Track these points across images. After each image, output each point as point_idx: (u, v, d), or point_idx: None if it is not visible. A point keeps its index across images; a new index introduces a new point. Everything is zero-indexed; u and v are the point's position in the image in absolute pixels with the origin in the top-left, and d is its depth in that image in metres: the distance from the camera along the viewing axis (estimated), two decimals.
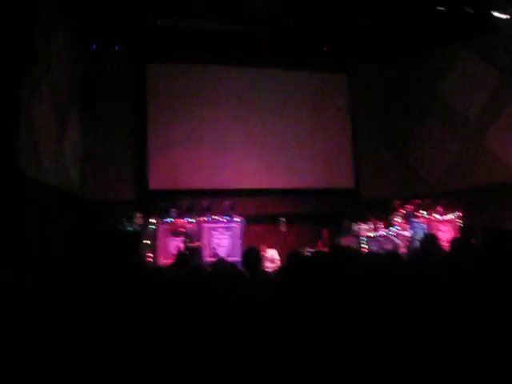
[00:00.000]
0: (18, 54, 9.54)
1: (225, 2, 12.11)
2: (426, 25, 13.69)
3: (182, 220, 12.47)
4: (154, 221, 12.90)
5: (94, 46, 10.26)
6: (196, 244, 11.98)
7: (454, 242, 8.08)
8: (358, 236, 13.81)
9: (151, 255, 12.41)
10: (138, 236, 11.10)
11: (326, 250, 13.29)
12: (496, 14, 11.39)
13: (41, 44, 10.68)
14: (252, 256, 6.25)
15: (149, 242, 12.46)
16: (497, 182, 14.24)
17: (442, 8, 11.42)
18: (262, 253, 11.30)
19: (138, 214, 12.80)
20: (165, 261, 12.22)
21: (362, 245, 13.49)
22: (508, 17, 11.43)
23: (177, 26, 13.74)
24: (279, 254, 13.51)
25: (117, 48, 11.30)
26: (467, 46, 15.20)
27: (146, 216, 12.96)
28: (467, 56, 15.24)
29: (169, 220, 12.93)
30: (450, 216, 14.06)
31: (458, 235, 13.38)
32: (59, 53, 12.05)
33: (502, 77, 14.57)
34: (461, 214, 13.99)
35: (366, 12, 13.36)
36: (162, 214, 13.13)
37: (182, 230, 11.80)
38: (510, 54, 14.28)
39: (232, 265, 6.06)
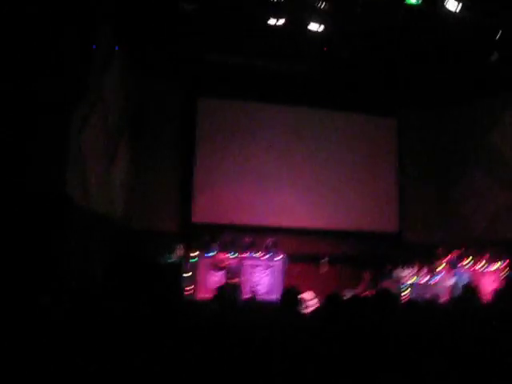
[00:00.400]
0: (72, 82, 9.76)
1: (276, 40, 12.21)
2: (478, 73, 13.62)
3: (224, 255, 12.43)
4: (195, 254, 12.94)
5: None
6: (236, 280, 11.88)
7: (497, 293, 7.91)
8: (399, 281, 13.61)
9: (190, 288, 12.43)
10: (178, 268, 11.15)
11: (367, 293, 13.17)
12: None
13: (95, 73, 10.92)
14: (290, 296, 6.21)
15: (189, 275, 12.49)
16: None
17: (494, 56, 11.36)
18: (301, 294, 11.18)
19: (180, 246, 12.85)
20: (204, 294, 12.21)
21: (403, 291, 13.28)
22: None
23: (229, 63, 13.92)
24: (318, 295, 13.40)
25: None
26: None
27: (188, 249, 13.00)
28: None
29: (210, 254, 12.95)
30: (495, 266, 13.79)
31: (503, 286, 13.12)
32: (112, 82, 12.30)
33: None
34: (506, 265, 13.72)
35: (418, 58, 13.36)
36: (203, 247, 13.16)
37: (223, 265, 11.74)
38: None
39: (267, 304, 6.04)
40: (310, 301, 13.21)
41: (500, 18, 10.63)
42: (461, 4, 9.50)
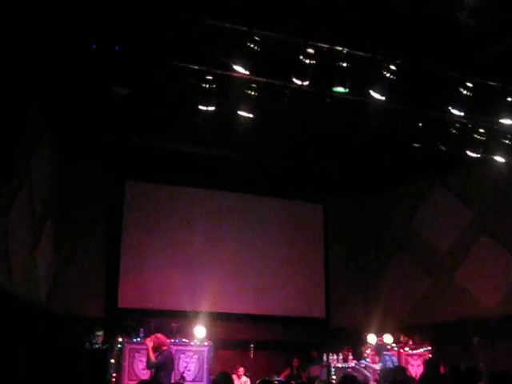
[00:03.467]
0: None
1: (205, 126, 12.38)
2: (402, 160, 14.14)
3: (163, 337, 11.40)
4: (121, 340, 12.65)
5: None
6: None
7: (420, 379, 8.08)
8: (327, 366, 13.61)
9: (116, 375, 12.10)
10: (104, 354, 10.84)
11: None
12: (468, 152, 11.79)
13: (22, 155, 10.81)
14: (223, 381, 6.12)
15: (114, 361, 12.19)
16: (467, 317, 14.28)
17: (416, 144, 11.82)
18: (234, 378, 11.01)
19: (100, 333, 12.57)
20: (129, 382, 11.91)
21: (331, 376, 13.27)
22: (478, 155, 11.83)
23: (158, 147, 13.98)
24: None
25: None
26: (440, 181, 15.66)
27: (114, 335, 12.72)
28: (440, 191, 15.66)
29: (136, 340, 12.69)
30: (420, 350, 13.99)
31: (423, 370, 13.31)
32: (40, 165, 12.19)
33: (473, 213, 14.94)
34: (430, 349, 13.94)
35: (343, 146, 13.78)
36: (129, 333, 12.90)
37: (163, 347, 10.90)
38: (480, 192, 14.71)
39: None
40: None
41: (422, 109, 11.14)
42: (385, 94, 9.88)
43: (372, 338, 14.03)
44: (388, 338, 14.01)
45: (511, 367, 12.01)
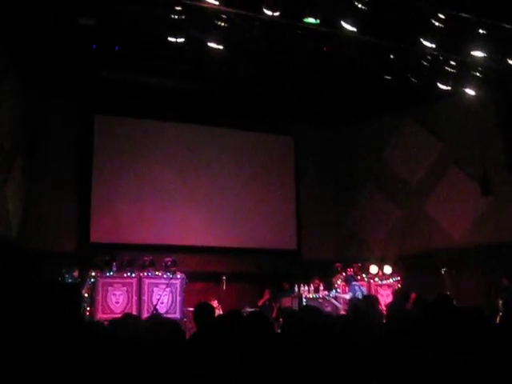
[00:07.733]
0: None
1: (175, 58, 12.20)
2: (372, 93, 14.08)
3: None
4: (94, 274, 12.70)
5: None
6: None
7: (388, 307, 8.20)
8: (298, 297, 13.81)
9: (90, 309, 12.21)
10: (77, 289, 10.86)
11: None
12: (438, 84, 11.78)
13: None
14: (204, 311, 6.18)
15: (88, 295, 12.28)
16: (436, 248, 14.53)
17: (388, 77, 11.78)
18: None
19: (76, 267, 12.61)
20: (103, 315, 12.01)
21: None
22: (449, 88, 11.83)
23: (127, 80, 13.76)
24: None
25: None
26: (411, 114, 15.66)
27: (86, 269, 12.75)
28: (411, 124, 15.68)
29: (110, 274, 12.78)
30: (389, 280, 14.24)
31: (393, 300, 13.57)
32: (6, 99, 11.96)
33: (443, 146, 15.02)
34: (400, 279, 14.19)
35: (315, 78, 13.68)
36: (102, 267, 12.94)
37: None
38: (449, 125, 14.77)
39: (170, 321, 5.94)
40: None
41: (394, 41, 11.05)
42: (357, 25, 9.76)
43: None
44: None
45: (475, 296, 12.37)
